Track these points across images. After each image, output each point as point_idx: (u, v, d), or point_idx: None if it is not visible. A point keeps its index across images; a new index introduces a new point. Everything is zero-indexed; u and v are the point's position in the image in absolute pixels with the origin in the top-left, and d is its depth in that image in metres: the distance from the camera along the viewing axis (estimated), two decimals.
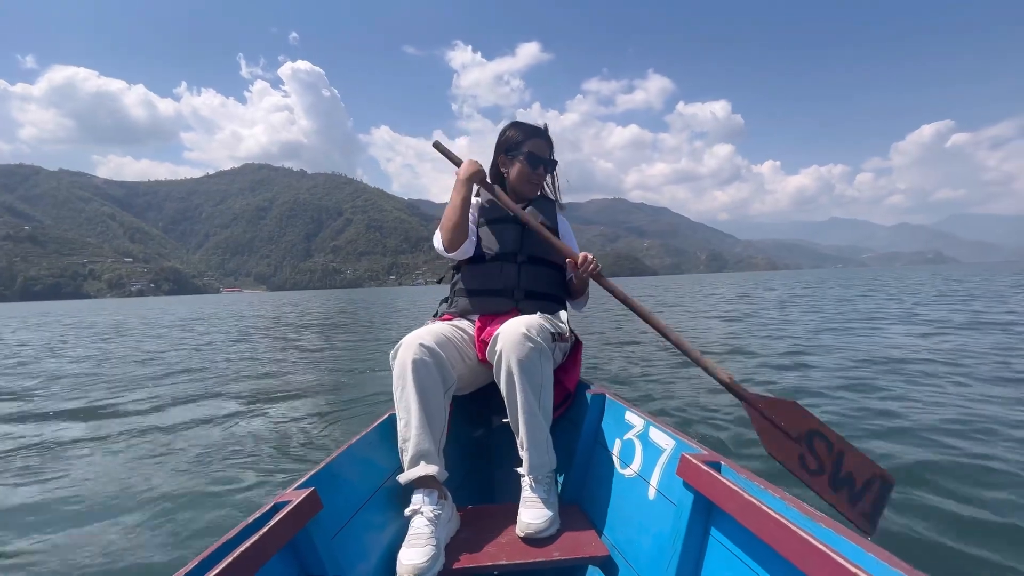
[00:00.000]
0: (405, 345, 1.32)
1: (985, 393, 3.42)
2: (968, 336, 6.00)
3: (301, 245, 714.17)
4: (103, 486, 2.44)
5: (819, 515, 0.77)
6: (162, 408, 4.01)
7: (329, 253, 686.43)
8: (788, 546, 0.74)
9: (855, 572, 0.63)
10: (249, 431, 3.28)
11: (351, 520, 1.10)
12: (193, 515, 2.11)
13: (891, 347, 5.47)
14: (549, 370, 1.37)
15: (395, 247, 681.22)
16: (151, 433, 3.30)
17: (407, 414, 1.26)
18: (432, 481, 1.23)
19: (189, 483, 2.44)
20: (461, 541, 1.22)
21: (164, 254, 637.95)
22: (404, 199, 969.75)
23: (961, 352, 4.97)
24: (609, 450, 1.41)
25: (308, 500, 0.93)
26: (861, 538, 0.70)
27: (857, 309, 10.42)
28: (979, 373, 4.02)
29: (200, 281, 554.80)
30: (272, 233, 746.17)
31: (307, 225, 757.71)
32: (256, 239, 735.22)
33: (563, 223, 1.81)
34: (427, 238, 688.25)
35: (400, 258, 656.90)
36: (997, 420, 2.82)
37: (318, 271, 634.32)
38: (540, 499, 1.28)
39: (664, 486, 1.15)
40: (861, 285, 23.54)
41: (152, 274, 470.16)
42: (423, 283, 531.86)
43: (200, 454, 2.85)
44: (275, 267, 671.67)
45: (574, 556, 1.17)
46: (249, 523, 0.84)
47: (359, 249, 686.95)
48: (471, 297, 1.63)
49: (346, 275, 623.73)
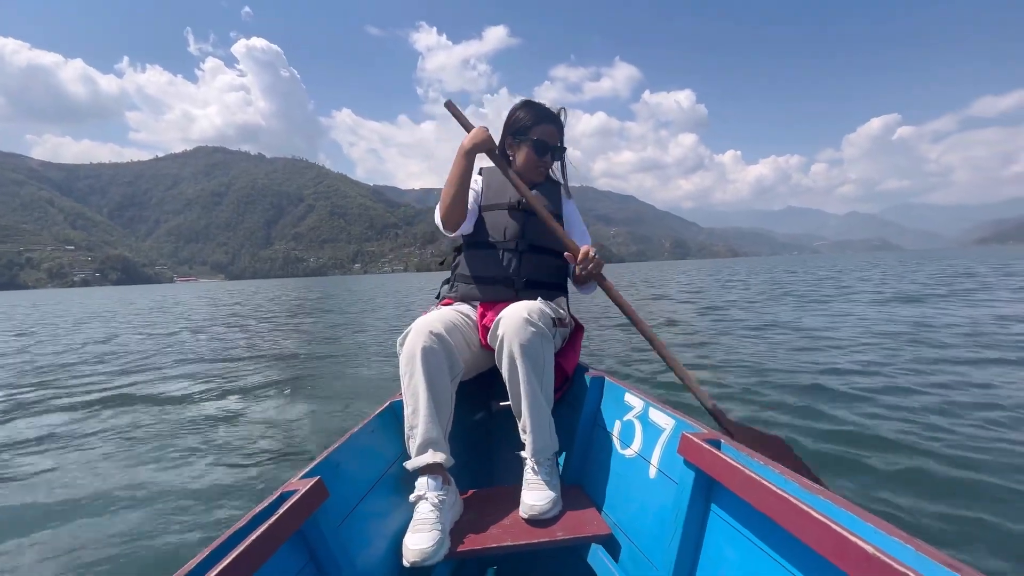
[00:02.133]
0: (414, 331, 1.31)
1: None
2: (897, 313, 7.11)
3: (261, 232, 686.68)
4: (108, 481, 2.45)
5: (818, 487, 0.79)
6: (164, 401, 4.00)
7: (291, 240, 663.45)
8: (789, 518, 0.75)
9: (854, 541, 0.64)
10: (249, 422, 3.28)
11: (357, 507, 1.12)
12: (199, 506, 2.13)
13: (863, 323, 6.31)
14: (551, 354, 1.38)
15: (360, 234, 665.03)
16: (151, 427, 3.30)
17: (415, 401, 1.26)
18: (438, 468, 1.24)
19: (192, 475, 2.46)
20: (464, 524, 1.24)
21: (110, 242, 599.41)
22: (369, 185, 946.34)
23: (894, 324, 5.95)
24: (609, 431, 1.43)
25: (314, 489, 0.94)
26: (860, 509, 0.71)
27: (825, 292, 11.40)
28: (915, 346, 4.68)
29: (151, 270, 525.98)
30: (229, 220, 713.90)
31: (267, 211, 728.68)
32: (212, 226, 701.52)
33: (569, 207, 1.77)
34: (393, 225, 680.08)
35: (365, 245, 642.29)
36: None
37: (279, 259, 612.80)
38: (543, 481, 1.29)
39: (665, 465, 1.17)
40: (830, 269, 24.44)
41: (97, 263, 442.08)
42: (390, 271, 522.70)
43: (201, 446, 2.86)
44: (233, 255, 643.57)
45: (577, 535, 1.19)
46: (257, 513, 0.85)
47: (322, 236, 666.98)
48: (473, 283, 1.61)
49: (309, 263, 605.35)
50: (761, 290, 13.77)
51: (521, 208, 1.63)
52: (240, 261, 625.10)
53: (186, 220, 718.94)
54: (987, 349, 4.41)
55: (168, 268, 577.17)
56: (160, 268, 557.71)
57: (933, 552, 0.60)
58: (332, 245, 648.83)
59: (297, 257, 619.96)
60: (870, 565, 0.62)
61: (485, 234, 1.64)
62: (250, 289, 49.31)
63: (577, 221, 1.77)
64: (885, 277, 16.77)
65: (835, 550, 0.67)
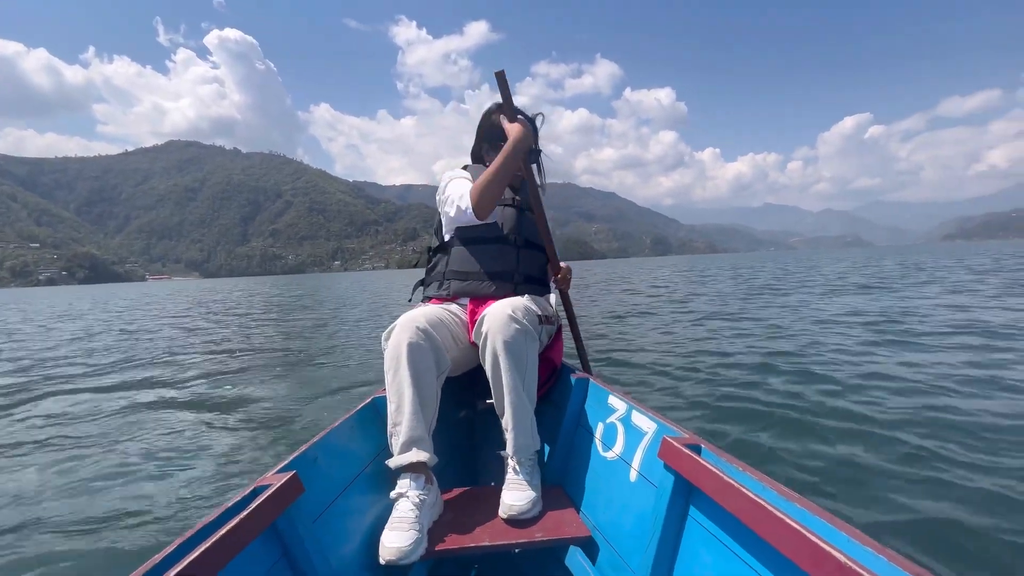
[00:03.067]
0: (400, 327, 1.29)
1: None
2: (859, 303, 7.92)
3: (237, 229, 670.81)
4: (75, 477, 2.42)
5: (795, 495, 0.80)
6: (135, 395, 3.97)
7: (268, 237, 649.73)
8: (764, 526, 0.76)
9: (827, 550, 0.65)
10: (223, 418, 3.25)
11: (333, 503, 1.10)
12: (170, 502, 2.09)
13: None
14: (534, 352, 1.37)
15: (339, 231, 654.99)
16: (124, 420, 3.26)
17: (399, 398, 1.24)
18: (422, 467, 1.22)
19: (164, 472, 2.42)
20: (444, 523, 1.22)
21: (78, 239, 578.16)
22: (348, 181, 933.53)
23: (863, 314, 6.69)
24: (592, 433, 1.43)
25: (289, 483, 0.92)
26: (834, 517, 0.72)
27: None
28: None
29: (122, 268, 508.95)
30: (204, 216, 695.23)
31: (243, 208, 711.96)
32: (186, 222, 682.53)
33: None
34: (374, 222, 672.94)
35: (345, 242, 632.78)
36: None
37: (256, 256, 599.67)
38: (523, 481, 1.28)
39: (646, 468, 1.17)
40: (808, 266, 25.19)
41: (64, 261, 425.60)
42: (370, 268, 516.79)
43: (173, 442, 2.83)
44: (208, 252, 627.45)
45: (556, 537, 1.18)
46: (229, 507, 0.83)
47: (300, 233, 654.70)
48: (468, 280, 1.57)
49: (287, 260, 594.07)
50: (729, 285, 14.24)
51: (516, 205, 1.65)
52: (216, 259, 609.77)
53: (158, 216, 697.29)
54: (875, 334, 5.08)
55: (139, 266, 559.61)
56: (131, 266, 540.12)
57: (905, 563, 0.61)
58: (311, 242, 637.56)
59: (275, 254, 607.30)
60: (843, 574, 0.62)
61: (484, 229, 1.61)
62: (226, 287, 48.46)
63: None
64: (842, 272, 17.64)
65: (809, 558, 0.67)
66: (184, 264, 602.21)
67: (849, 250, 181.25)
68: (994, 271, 14.18)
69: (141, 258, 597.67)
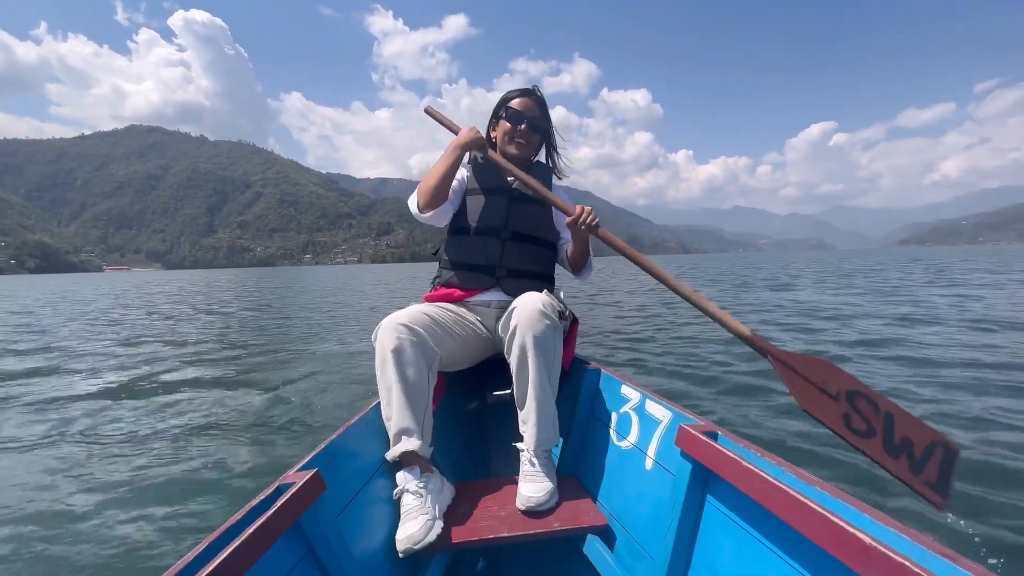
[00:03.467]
0: (383, 327, 1.32)
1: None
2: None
3: (203, 219, 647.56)
4: (101, 479, 2.42)
5: (815, 479, 0.80)
6: (154, 396, 3.96)
7: (236, 229, 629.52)
8: (786, 509, 0.76)
9: (852, 531, 0.65)
10: (244, 415, 3.29)
11: (354, 499, 1.12)
12: (194, 502, 2.13)
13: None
14: (560, 347, 1.39)
15: (311, 224, 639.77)
16: (143, 424, 3.26)
17: (388, 393, 1.28)
18: (415, 456, 1.24)
19: (185, 471, 2.44)
20: (460, 516, 1.23)
21: (28, 226, 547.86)
22: (321, 173, 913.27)
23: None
24: (606, 423, 1.44)
25: (312, 481, 0.94)
26: (856, 499, 0.72)
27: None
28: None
29: (76, 258, 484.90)
30: (167, 205, 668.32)
31: (209, 197, 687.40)
32: (147, 211, 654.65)
33: (559, 192, 1.72)
34: (347, 215, 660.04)
35: (317, 235, 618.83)
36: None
37: (223, 248, 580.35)
38: (540, 472, 1.30)
39: (662, 456, 1.18)
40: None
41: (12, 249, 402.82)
42: (342, 262, 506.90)
43: (195, 439, 2.85)
44: (171, 243, 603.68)
45: (574, 526, 1.19)
46: (254, 505, 0.85)
47: (270, 225, 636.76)
48: (454, 271, 1.60)
49: (256, 253, 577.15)
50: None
51: (510, 194, 1.63)
52: (179, 249, 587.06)
53: (117, 204, 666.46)
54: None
55: (96, 256, 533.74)
56: (86, 255, 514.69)
57: (928, 541, 0.62)
58: (282, 234, 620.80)
59: (243, 246, 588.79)
60: (868, 555, 0.63)
61: (469, 220, 1.61)
62: (199, 279, 46.95)
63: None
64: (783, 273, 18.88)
65: (833, 540, 0.68)
66: (145, 255, 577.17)
67: (814, 252, 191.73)
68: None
69: (98, 247, 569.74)
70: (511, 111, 1.64)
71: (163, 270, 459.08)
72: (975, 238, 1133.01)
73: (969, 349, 4.44)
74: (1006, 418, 2.69)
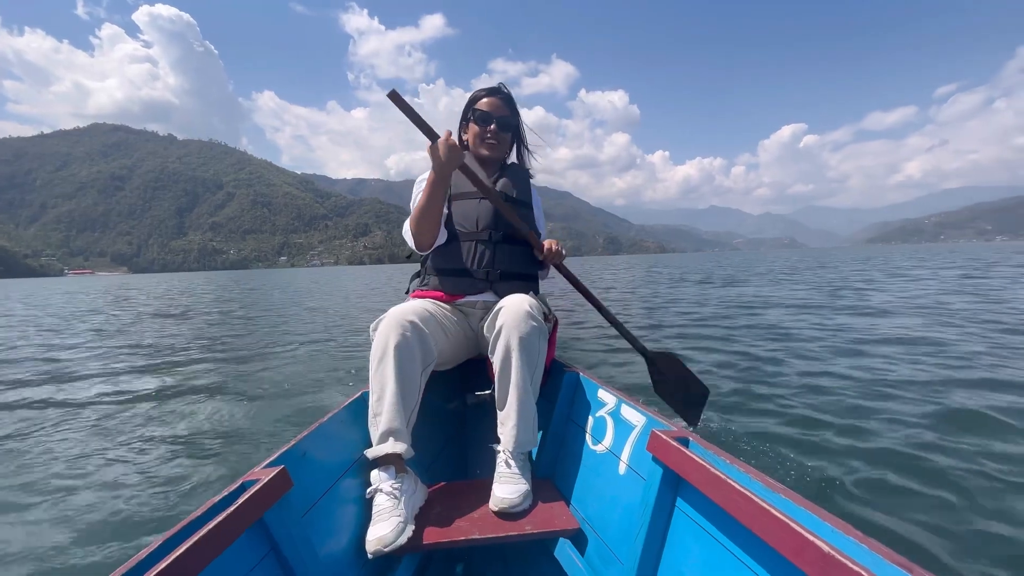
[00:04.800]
0: (388, 319, 1.29)
1: None
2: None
3: (172, 221, 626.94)
4: (57, 475, 2.35)
5: (780, 487, 0.81)
6: (119, 391, 3.89)
7: (208, 231, 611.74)
8: (751, 517, 0.77)
9: (812, 540, 0.66)
10: (213, 412, 3.23)
11: (322, 498, 1.10)
12: (160, 496, 2.08)
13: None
14: (544, 349, 1.38)
15: (286, 225, 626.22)
16: (112, 416, 3.22)
17: (381, 389, 1.24)
18: (395, 458, 1.22)
19: (149, 468, 2.38)
20: (433, 517, 1.22)
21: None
22: (296, 173, 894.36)
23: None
24: (582, 426, 1.44)
25: (278, 478, 0.92)
26: (818, 508, 0.74)
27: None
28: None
29: (36, 262, 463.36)
30: (133, 207, 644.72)
31: (179, 198, 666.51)
32: (112, 213, 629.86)
33: (535, 196, 1.75)
34: (323, 216, 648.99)
35: (292, 237, 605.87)
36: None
37: (194, 251, 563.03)
38: (516, 474, 1.29)
39: (634, 461, 1.18)
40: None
41: None
42: (319, 264, 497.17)
43: (163, 436, 2.81)
44: (138, 246, 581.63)
45: (546, 530, 1.19)
46: (216, 502, 0.83)
47: (244, 227, 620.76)
48: (443, 276, 1.57)
49: (229, 255, 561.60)
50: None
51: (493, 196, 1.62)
52: (147, 252, 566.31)
53: (79, 206, 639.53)
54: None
55: (57, 259, 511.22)
56: (47, 259, 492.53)
57: (886, 552, 0.63)
58: (255, 236, 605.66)
59: (215, 249, 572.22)
60: (826, 563, 0.64)
61: (457, 226, 1.58)
62: (156, 280, 44.94)
63: (539, 210, 1.78)
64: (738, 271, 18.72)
65: (794, 549, 0.69)
66: (110, 258, 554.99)
67: (787, 251, 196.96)
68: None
69: (59, 251, 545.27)
70: (479, 113, 1.62)
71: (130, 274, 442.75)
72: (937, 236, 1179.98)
73: (820, 329, 5.30)
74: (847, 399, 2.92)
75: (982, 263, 19.03)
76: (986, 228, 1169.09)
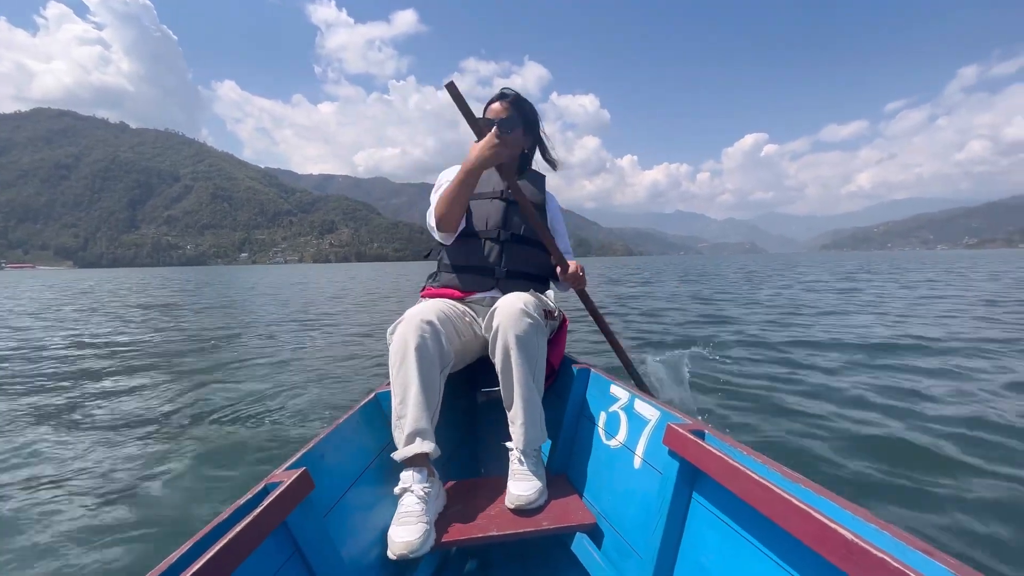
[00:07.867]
0: (407, 321, 1.30)
1: None
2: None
3: (123, 213, 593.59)
4: (81, 478, 2.35)
5: (800, 477, 0.82)
6: (137, 394, 3.87)
7: (162, 224, 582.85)
8: (771, 506, 0.77)
9: (834, 528, 0.67)
10: (230, 415, 3.26)
11: (342, 499, 1.11)
12: (182, 498, 2.12)
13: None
14: (544, 346, 1.39)
15: (248, 221, 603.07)
16: (126, 420, 3.22)
17: (404, 391, 1.25)
18: (424, 459, 1.22)
19: (174, 469, 2.41)
20: (449, 515, 1.23)
21: None
22: (259, 167, 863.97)
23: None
24: (595, 422, 1.45)
25: (299, 480, 0.93)
26: (838, 497, 0.75)
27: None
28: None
29: None
30: (80, 197, 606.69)
31: (131, 190, 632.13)
32: (56, 203, 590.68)
33: (552, 201, 1.77)
34: (287, 212, 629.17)
35: (254, 233, 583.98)
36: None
37: (147, 245, 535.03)
38: (529, 471, 1.30)
39: (649, 455, 1.19)
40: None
41: None
42: (282, 261, 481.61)
43: (182, 439, 2.83)
44: (85, 239, 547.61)
45: (562, 525, 1.20)
46: (241, 505, 0.84)
47: (202, 221, 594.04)
48: (454, 273, 1.61)
49: (186, 251, 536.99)
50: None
51: (505, 198, 1.63)
52: (95, 246, 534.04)
53: (19, 195, 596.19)
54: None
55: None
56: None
57: (908, 537, 0.63)
58: (214, 231, 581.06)
59: (170, 243, 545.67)
60: (848, 550, 0.64)
61: (469, 223, 1.62)
62: (110, 277, 40.72)
63: (559, 221, 1.77)
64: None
65: (815, 537, 0.69)
66: (53, 251, 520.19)
67: (749, 255, 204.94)
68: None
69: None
70: (483, 121, 1.63)
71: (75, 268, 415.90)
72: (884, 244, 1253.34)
73: (698, 317, 6.44)
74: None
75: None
76: (929, 237, 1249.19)
